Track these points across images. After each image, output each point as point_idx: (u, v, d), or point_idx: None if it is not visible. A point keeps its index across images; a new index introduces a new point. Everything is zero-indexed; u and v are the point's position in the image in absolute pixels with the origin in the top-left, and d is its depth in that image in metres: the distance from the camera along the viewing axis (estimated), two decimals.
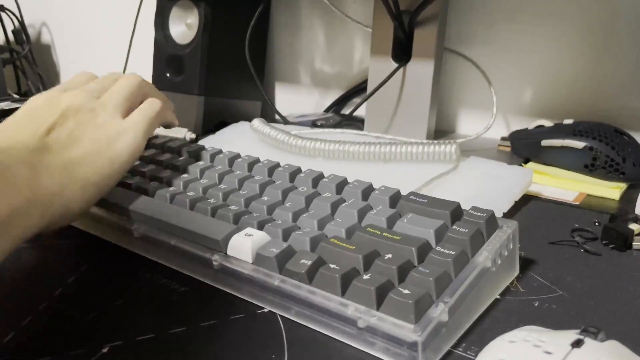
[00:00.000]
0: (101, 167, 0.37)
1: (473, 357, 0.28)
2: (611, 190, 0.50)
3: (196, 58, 0.70)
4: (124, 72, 0.92)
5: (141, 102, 0.43)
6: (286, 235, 0.35)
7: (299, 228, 0.36)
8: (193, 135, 0.59)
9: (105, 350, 0.30)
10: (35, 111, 0.38)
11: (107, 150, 0.38)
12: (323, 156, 0.52)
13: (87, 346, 0.30)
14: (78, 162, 0.36)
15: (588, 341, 0.23)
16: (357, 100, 0.80)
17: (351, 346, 0.30)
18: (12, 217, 0.30)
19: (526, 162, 0.57)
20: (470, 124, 0.73)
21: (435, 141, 0.49)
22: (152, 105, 0.42)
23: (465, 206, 0.36)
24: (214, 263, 0.35)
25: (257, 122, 0.58)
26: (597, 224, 0.44)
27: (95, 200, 0.37)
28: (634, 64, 0.61)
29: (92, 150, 0.37)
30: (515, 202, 0.45)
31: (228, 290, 0.35)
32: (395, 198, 0.38)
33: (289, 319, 0.32)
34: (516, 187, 0.45)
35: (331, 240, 0.33)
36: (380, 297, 0.29)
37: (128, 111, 0.41)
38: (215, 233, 0.35)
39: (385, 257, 0.31)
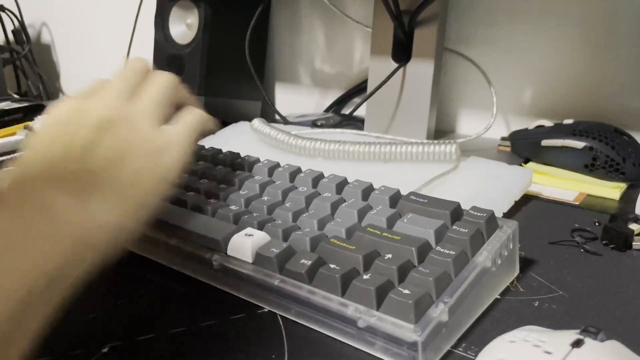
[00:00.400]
0: (154, 187, 0.32)
1: (473, 357, 0.28)
2: (611, 190, 0.50)
3: (196, 58, 0.70)
4: None
5: (175, 106, 0.38)
6: (286, 235, 0.35)
7: (299, 228, 0.36)
8: None
9: (105, 350, 0.30)
10: (63, 127, 0.32)
11: (156, 167, 0.32)
12: (323, 156, 0.52)
13: (87, 346, 0.30)
14: (129, 183, 0.31)
15: (588, 341, 0.23)
16: (357, 100, 0.80)
17: (351, 346, 0.30)
18: (61, 269, 0.25)
19: (526, 162, 0.57)
20: (470, 124, 0.73)
21: (435, 141, 0.49)
22: (195, 116, 0.37)
23: (465, 206, 0.36)
24: (214, 263, 0.35)
25: (257, 122, 0.58)
26: (597, 224, 0.44)
27: (144, 224, 0.32)
28: (634, 64, 0.61)
29: (140, 169, 0.31)
30: (515, 202, 0.45)
31: (228, 290, 0.35)
32: (395, 198, 0.38)
33: (289, 319, 0.32)
34: (516, 187, 0.45)
35: (331, 240, 0.33)
36: (380, 297, 0.29)
37: (164, 118, 0.36)
38: (215, 233, 0.35)
39: (385, 257, 0.31)
